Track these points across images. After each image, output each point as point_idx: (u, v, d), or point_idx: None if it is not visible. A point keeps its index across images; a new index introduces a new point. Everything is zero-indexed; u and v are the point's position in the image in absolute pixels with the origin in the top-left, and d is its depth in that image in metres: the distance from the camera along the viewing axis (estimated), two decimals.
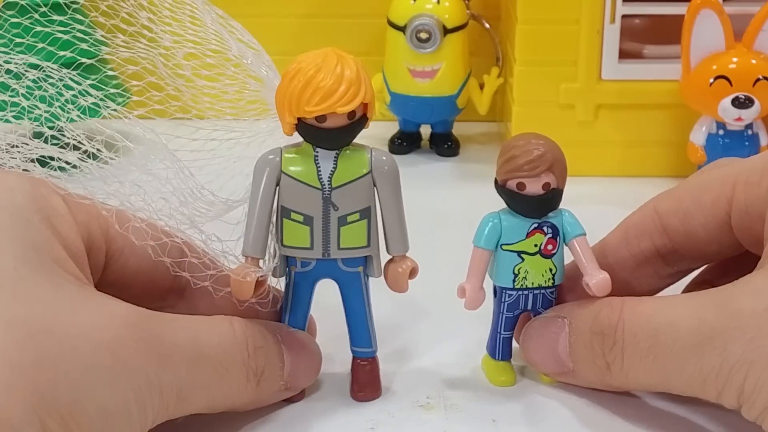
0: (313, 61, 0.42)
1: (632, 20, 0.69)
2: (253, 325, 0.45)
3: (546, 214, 0.46)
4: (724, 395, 0.41)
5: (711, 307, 0.42)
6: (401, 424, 0.46)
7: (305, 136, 0.44)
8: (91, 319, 0.38)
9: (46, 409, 0.36)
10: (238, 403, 0.44)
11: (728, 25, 0.64)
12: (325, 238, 0.44)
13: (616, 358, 0.44)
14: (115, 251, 0.44)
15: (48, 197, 0.42)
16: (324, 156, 0.44)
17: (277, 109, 0.44)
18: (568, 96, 0.69)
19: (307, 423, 0.46)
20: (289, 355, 0.45)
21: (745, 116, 0.64)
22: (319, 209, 0.44)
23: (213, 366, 0.42)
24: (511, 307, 0.47)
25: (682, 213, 0.47)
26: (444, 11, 0.71)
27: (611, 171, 0.69)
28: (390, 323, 0.51)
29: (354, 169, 0.44)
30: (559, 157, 0.45)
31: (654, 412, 0.46)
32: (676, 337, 0.42)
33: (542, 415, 0.47)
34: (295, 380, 0.46)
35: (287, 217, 0.44)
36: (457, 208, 0.65)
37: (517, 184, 0.45)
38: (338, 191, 0.44)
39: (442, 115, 0.73)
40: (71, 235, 0.41)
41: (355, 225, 0.44)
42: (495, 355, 0.48)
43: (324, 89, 0.42)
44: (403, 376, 0.49)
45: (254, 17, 0.60)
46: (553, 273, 0.47)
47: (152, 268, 0.45)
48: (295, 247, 0.45)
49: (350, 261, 0.45)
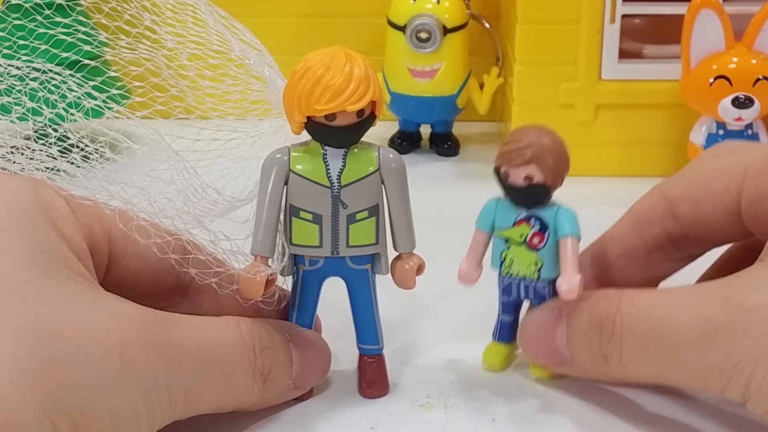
0: (322, 60, 0.42)
1: (632, 20, 0.69)
2: (261, 324, 0.45)
3: (531, 207, 0.46)
4: (729, 391, 0.41)
5: (714, 300, 0.42)
6: (401, 424, 0.46)
7: (314, 134, 0.44)
8: (99, 321, 0.38)
9: (56, 412, 0.36)
10: (246, 403, 0.44)
11: (728, 25, 0.64)
12: (334, 236, 0.44)
13: (614, 350, 0.44)
14: (118, 253, 0.44)
15: (51, 200, 0.42)
16: (332, 154, 0.44)
17: (286, 107, 0.44)
18: (568, 96, 0.69)
19: (307, 422, 0.46)
20: (298, 354, 0.46)
21: (745, 116, 0.64)
22: (328, 207, 0.44)
23: (220, 366, 0.42)
24: (506, 291, 0.48)
25: (691, 199, 0.47)
26: (444, 11, 0.71)
27: (611, 171, 0.69)
28: (390, 323, 0.51)
29: (362, 167, 0.44)
30: (553, 154, 0.45)
31: (654, 412, 0.46)
32: (677, 330, 0.42)
33: (542, 414, 0.47)
34: (304, 379, 0.46)
35: (296, 215, 0.44)
36: (457, 208, 0.65)
37: (503, 171, 0.45)
38: (347, 189, 0.44)
39: (442, 115, 0.74)
40: (75, 237, 0.42)
41: (364, 223, 0.44)
42: (494, 335, 0.49)
43: (334, 88, 0.42)
44: (403, 376, 0.49)
45: (255, 17, 0.60)
46: (539, 267, 0.46)
47: (155, 269, 0.45)
48: (303, 246, 0.45)
49: (358, 259, 0.45)
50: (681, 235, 0.47)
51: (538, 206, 0.46)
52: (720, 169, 0.47)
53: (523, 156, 0.44)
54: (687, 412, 0.46)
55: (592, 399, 0.47)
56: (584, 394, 0.47)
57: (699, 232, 0.47)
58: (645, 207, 0.48)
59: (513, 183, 0.45)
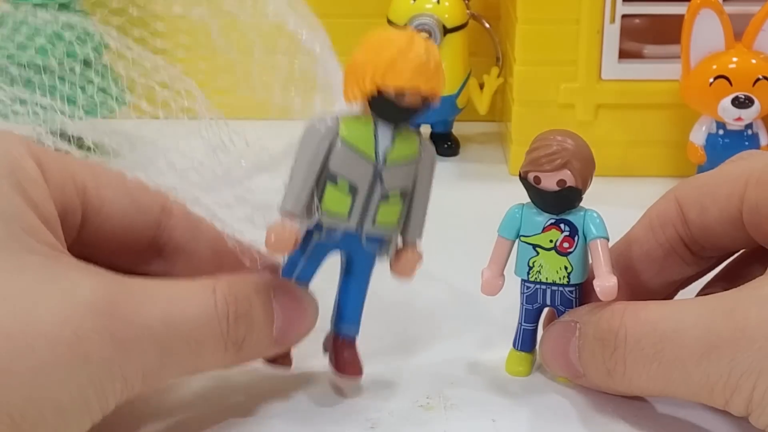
0: (404, 37, 0.43)
1: (632, 20, 0.69)
2: (240, 286, 0.43)
3: (562, 211, 0.46)
4: (732, 403, 0.41)
5: (718, 314, 0.42)
6: (401, 424, 0.46)
7: (377, 109, 0.43)
8: (53, 309, 0.38)
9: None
10: (217, 368, 0.44)
11: (728, 25, 0.64)
12: (364, 211, 0.44)
13: (617, 364, 0.44)
14: (91, 211, 0.43)
15: (20, 160, 0.41)
16: (383, 132, 0.44)
17: (351, 75, 0.43)
18: (568, 96, 0.69)
19: (307, 422, 0.46)
20: (281, 312, 0.45)
21: (745, 116, 0.64)
22: (367, 181, 0.44)
23: (186, 343, 0.41)
24: (530, 299, 0.48)
25: (699, 205, 0.47)
26: (444, 11, 0.71)
27: (611, 171, 0.69)
28: (389, 322, 0.51)
29: (409, 151, 0.44)
30: (581, 157, 0.45)
31: (655, 413, 0.46)
32: (682, 345, 0.42)
33: (542, 414, 0.47)
34: (286, 337, 0.45)
35: (333, 182, 0.44)
36: (457, 208, 0.65)
37: (534, 177, 0.46)
38: (390, 168, 0.44)
39: (442, 115, 0.73)
40: (43, 201, 0.41)
41: (394, 204, 0.44)
42: (515, 344, 0.49)
43: (418, 64, 0.42)
44: (403, 376, 0.49)
45: None
46: (569, 272, 0.47)
47: (130, 227, 0.44)
48: (332, 213, 0.44)
49: (373, 239, 0.45)
50: (692, 239, 0.48)
51: (567, 210, 0.46)
52: (726, 176, 0.47)
53: (557, 161, 0.45)
54: (691, 414, 0.46)
55: (593, 399, 0.47)
56: (585, 395, 0.47)
57: (706, 239, 0.47)
58: (660, 209, 0.48)
59: (546, 188, 0.45)
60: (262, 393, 0.47)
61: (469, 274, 0.49)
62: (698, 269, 0.49)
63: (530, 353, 0.49)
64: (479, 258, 0.48)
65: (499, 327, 0.51)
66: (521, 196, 0.47)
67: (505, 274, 0.47)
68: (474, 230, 0.47)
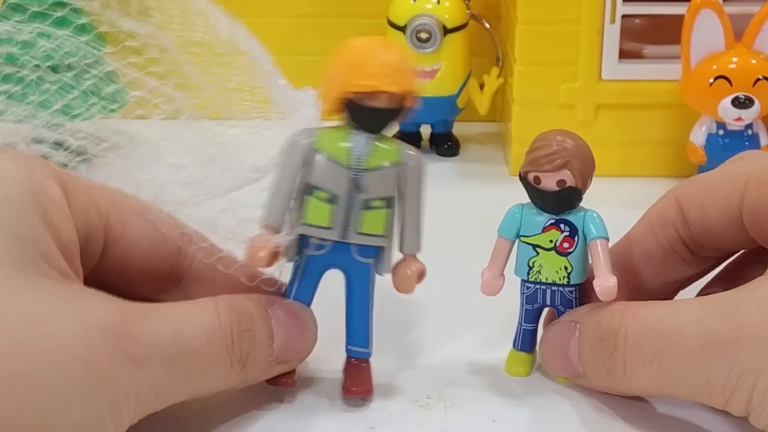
0: (364, 43, 0.44)
1: (632, 20, 0.69)
2: (241, 303, 0.44)
3: (562, 211, 0.46)
4: (732, 403, 0.41)
5: (718, 314, 0.42)
6: (401, 424, 0.46)
7: (352, 115, 0.44)
8: (66, 329, 0.38)
9: (13, 428, 0.35)
10: (224, 387, 0.44)
11: (728, 25, 0.64)
12: (346, 219, 0.44)
13: (617, 363, 0.44)
14: (114, 238, 0.44)
15: (44, 184, 0.41)
16: (359, 139, 0.44)
17: (324, 85, 0.44)
18: (568, 96, 0.69)
19: (307, 423, 0.46)
20: (279, 329, 0.45)
21: (745, 116, 0.64)
22: (345, 189, 0.44)
23: (195, 359, 0.42)
24: (530, 299, 0.48)
25: (699, 205, 0.47)
26: (444, 11, 0.71)
27: (611, 171, 0.69)
28: (390, 323, 0.51)
29: (386, 156, 0.44)
30: (580, 157, 0.46)
31: (655, 413, 0.46)
32: (682, 345, 0.42)
33: (542, 414, 0.47)
34: (286, 355, 0.45)
35: (310, 194, 0.44)
36: (457, 208, 0.65)
37: (534, 177, 0.46)
38: (368, 174, 0.44)
39: (442, 115, 0.73)
40: (64, 225, 0.41)
41: (377, 212, 0.44)
42: (515, 344, 0.49)
43: (375, 65, 0.43)
44: (403, 376, 0.49)
45: (255, 17, 0.60)
46: (569, 272, 0.47)
47: (151, 256, 0.45)
48: (314, 226, 0.45)
49: (364, 250, 0.45)
50: (692, 239, 0.48)
51: (567, 210, 0.46)
52: (726, 176, 0.47)
53: (557, 161, 0.45)
54: (691, 415, 0.46)
55: (593, 399, 0.47)
56: (585, 395, 0.47)
57: (706, 238, 0.47)
58: (660, 209, 0.48)
59: (546, 188, 0.45)
60: (261, 393, 0.47)
61: (469, 275, 0.49)
62: (698, 269, 0.49)
63: (530, 353, 0.49)
64: (479, 258, 0.48)
65: (499, 327, 0.51)
66: (521, 196, 0.47)
67: (505, 274, 0.48)
68: (474, 230, 0.47)
